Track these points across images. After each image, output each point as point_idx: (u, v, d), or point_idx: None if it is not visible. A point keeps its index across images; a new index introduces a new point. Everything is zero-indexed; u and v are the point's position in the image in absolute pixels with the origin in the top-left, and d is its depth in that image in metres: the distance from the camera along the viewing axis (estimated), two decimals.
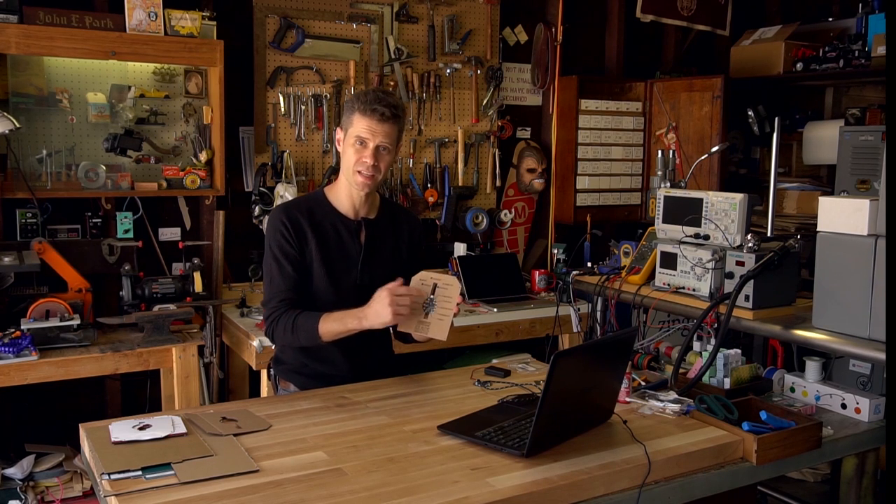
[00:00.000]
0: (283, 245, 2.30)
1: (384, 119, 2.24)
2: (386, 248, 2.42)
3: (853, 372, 3.61)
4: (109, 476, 1.68)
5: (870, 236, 2.44)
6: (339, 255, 2.35)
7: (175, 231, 3.82)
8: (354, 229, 2.37)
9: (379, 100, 2.25)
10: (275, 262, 2.31)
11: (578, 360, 1.93)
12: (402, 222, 2.48)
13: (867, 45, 4.31)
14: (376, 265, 2.38)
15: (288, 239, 2.30)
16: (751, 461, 1.97)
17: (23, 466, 3.28)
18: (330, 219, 2.36)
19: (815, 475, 3.82)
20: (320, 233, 2.33)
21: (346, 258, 2.35)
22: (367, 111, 2.24)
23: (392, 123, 2.26)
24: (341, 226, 2.36)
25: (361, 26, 4.09)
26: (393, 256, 2.43)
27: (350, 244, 2.36)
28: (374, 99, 2.25)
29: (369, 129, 2.25)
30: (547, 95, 4.71)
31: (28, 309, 3.04)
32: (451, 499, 1.63)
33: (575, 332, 3.77)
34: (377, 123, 2.24)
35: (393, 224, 2.45)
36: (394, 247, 2.44)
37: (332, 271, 2.33)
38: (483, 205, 4.52)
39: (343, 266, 2.35)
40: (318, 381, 2.35)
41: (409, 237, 2.48)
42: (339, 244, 2.35)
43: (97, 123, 3.51)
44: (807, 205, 4.73)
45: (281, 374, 2.46)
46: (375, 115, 2.24)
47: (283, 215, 2.33)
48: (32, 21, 3.22)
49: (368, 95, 2.27)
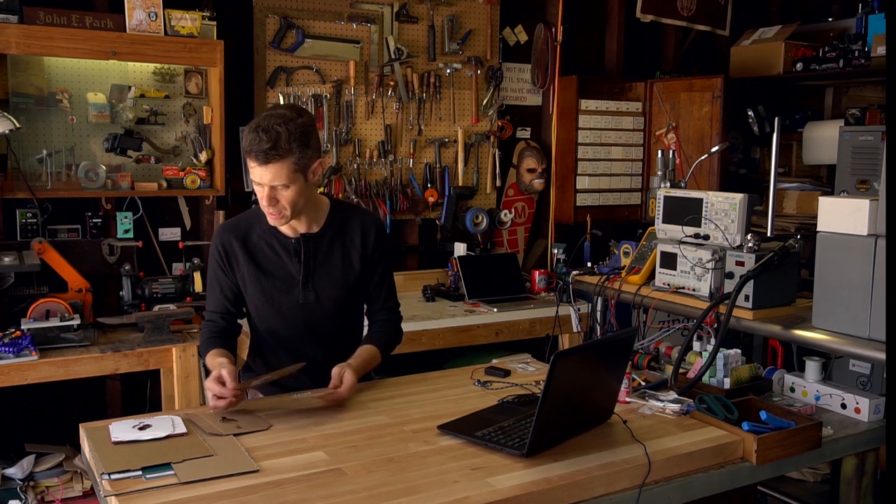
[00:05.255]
0: (215, 269, 2.30)
1: (267, 161, 2.06)
2: (333, 262, 2.31)
3: (853, 372, 3.61)
4: (109, 476, 1.68)
5: (870, 236, 2.44)
6: (278, 274, 2.28)
7: (175, 231, 3.82)
8: (293, 248, 2.27)
9: (257, 140, 2.05)
10: (210, 283, 2.33)
11: (578, 360, 1.92)
12: (354, 228, 2.34)
13: (867, 45, 4.31)
14: (322, 282, 2.29)
15: (220, 264, 2.29)
16: (751, 461, 1.97)
17: (23, 466, 3.28)
18: (267, 238, 2.28)
19: (814, 475, 3.82)
20: (255, 254, 2.28)
21: (285, 278, 2.28)
22: (249, 154, 2.08)
23: (277, 162, 2.07)
24: (278, 245, 2.28)
25: (361, 26, 4.09)
26: (343, 268, 2.31)
27: (289, 263, 2.27)
28: (253, 140, 2.06)
29: (257, 172, 2.10)
30: (547, 95, 4.71)
31: (28, 309, 3.04)
32: (451, 499, 1.63)
33: (575, 332, 3.77)
34: (261, 167, 2.08)
35: (341, 234, 2.32)
36: (343, 258, 2.32)
37: (269, 292, 2.27)
38: (483, 205, 4.52)
39: (283, 286, 2.27)
40: (283, 391, 2.30)
41: (361, 243, 2.33)
42: (276, 264, 2.28)
43: (97, 123, 3.51)
44: (807, 205, 4.73)
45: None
46: (255, 159, 2.08)
47: (218, 239, 2.30)
48: (32, 21, 3.22)
49: (249, 134, 2.08)
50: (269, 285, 2.27)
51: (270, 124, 2.07)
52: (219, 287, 2.31)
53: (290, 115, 2.11)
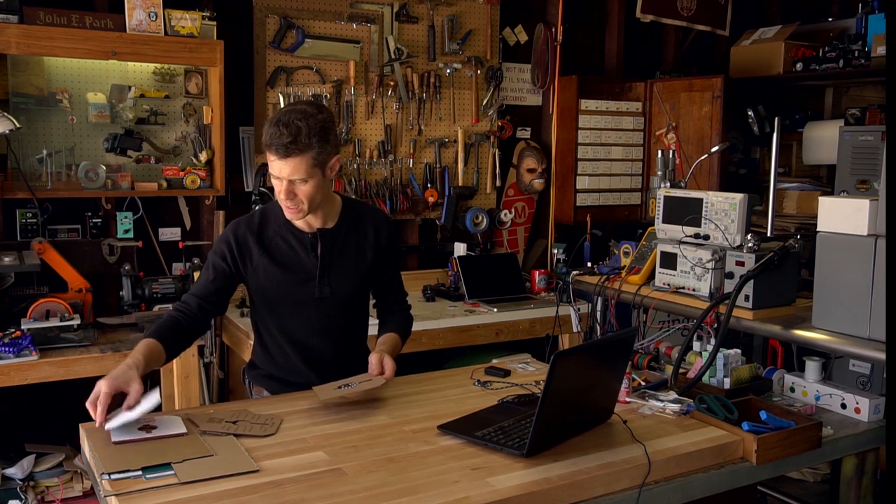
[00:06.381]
0: (217, 259, 2.28)
1: (286, 155, 2.09)
2: (348, 258, 2.33)
3: (853, 372, 3.61)
4: (109, 476, 1.68)
5: (870, 236, 2.44)
6: (294, 268, 2.28)
7: (175, 231, 3.82)
8: (309, 242, 2.28)
9: (278, 134, 2.08)
10: (205, 269, 2.31)
11: (578, 360, 1.93)
12: (367, 225, 2.38)
13: (867, 45, 4.31)
14: (337, 276, 2.31)
15: (225, 255, 2.27)
16: (751, 461, 1.97)
17: (23, 466, 3.28)
18: (282, 233, 2.30)
19: (814, 475, 3.82)
20: (271, 249, 2.28)
21: (301, 272, 2.28)
22: (269, 147, 2.10)
23: (296, 156, 2.09)
24: (294, 240, 2.29)
25: (361, 26, 4.09)
26: (357, 264, 2.34)
27: (305, 258, 2.28)
28: (274, 134, 2.08)
29: (277, 166, 2.12)
30: (547, 95, 4.71)
31: (28, 309, 3.04)
32: (451, 499, 1.63)
33: (575, 332, 3.76)
34: (280, 160, 2.10)
35: (355, 230, 2.35)
36: (357, 254, 2.35)
37: (284, 286, 2.28)
38: (483, 205, 4.52)
39: (299, 279, 2.28)
40: (289, 388, 2.32)
41: (374, 239, 2.37)
42: (293, 258, 2.28)
43: (97, 123, 3.51)
44: (807, 205, 4.73)
45: (253, 379, 2.45)
46: (276, 152, 2.10)
47: (231, 232, 2.29)
48: (32, 21, 3.22)
49: (270, 128, 2.10)
50: (285, 279, 2.28)
51: (291, 119, 2.09)
52: (213, 274, 2.28)
53: (310, 110, 2.14)
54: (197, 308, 2.26)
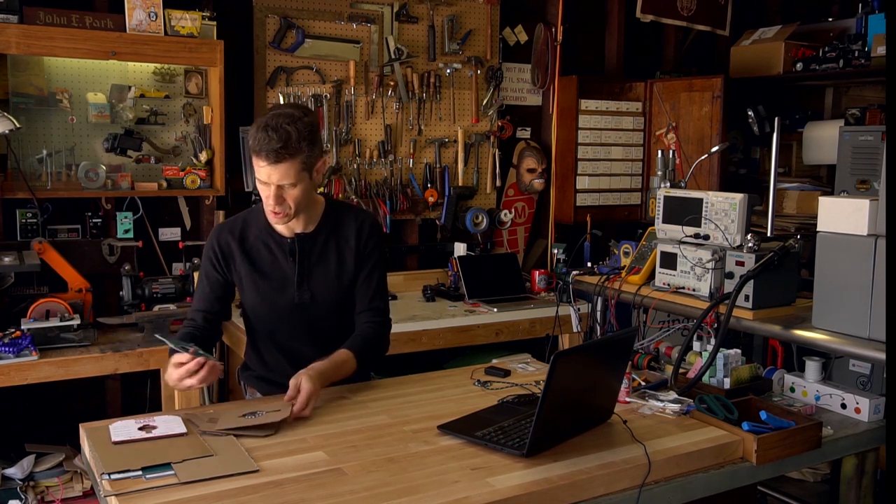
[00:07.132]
0: (208, 268, 2.30)
1: (277, 160, 2.07)
2: (328, 262, 2.30)
3: (853, 372, 3.61)
4: (109, 476, 1.68)
5: (870, 236, 2.44)
6: (273, 274, 2.28)
7: (175, 231, 3.82)
8: (289, 247, 2.27)
9: (267, 140, 2.05)
10: (200, 282, 2.33)
11: (578, 360, 1.93)
12: (348, 227, 2.33)
13: (867, 46, 4.31)
14: (316, 281, 2.29)
15: (214, 263, 2.29)
16: (751, 461, 1.97)
17: (23, 466, 3.28)
18: (263, 238, 2.29)
19: (814, 475, 3.82)
20: (252, 254, 2.28)
21: (280, 278, 2.27)
22: (259, 153, 2.08)
23: (286, 161, 2.07)
24: (274, 244, 2.28)
25: (361, 26, 4.09)
26: (339, 268, 2.31)
27: (284, 263, 2.27)
28: (262, 139, 2.06)
29: (265, 171, 2.10)
30: (547, 95, 4.71)
31: (28, 309, 3.04)
32: (451, 499, 1.63)
33: (575, 332, 3.76)
34: (270, 165, 2.08)
35: (336, 233, 2.32)
36: (338, 257, 2.31)
37: (264, 292, 2.27)
38: (483, 205, 4.52)
39: (277, 286, 2.27)
40: (279, 390, 2.27)
41: (355, 241, 2.32)
42: (272, 264, 2.28)
43: (97, 123, 3.51)
44: (807, 205, 4.73)
45: (246, 380, 2.46)
46: (265, 158, 2.07)
47: (215, 239, 2.30)
48: (32, 21, 3.22)
49: (258, 133, 2.07)
50: (265, 285, 2.28)
51: (279, 123, 2.07)
52: (208, 286, 2.30)
53: (297, 114, 2.12)
54: (203, 321, 2.28)
